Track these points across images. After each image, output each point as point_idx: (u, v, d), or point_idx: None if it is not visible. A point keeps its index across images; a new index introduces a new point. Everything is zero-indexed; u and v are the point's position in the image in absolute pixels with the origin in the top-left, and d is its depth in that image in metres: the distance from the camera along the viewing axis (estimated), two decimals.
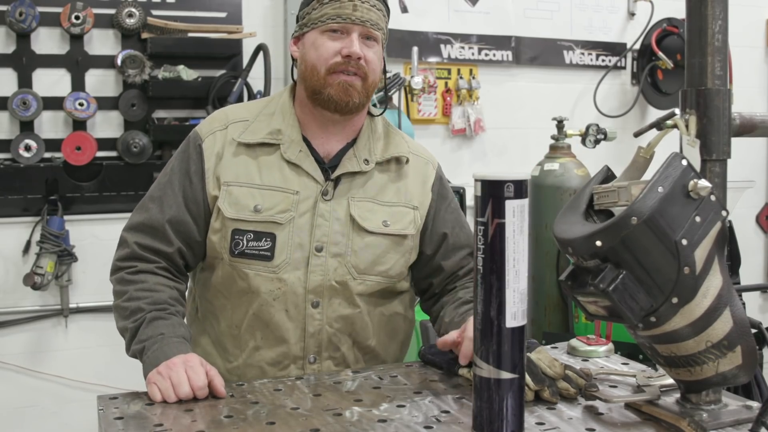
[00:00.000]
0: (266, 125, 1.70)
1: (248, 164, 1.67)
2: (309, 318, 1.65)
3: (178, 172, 1.69)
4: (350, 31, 1.63)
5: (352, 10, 1.62)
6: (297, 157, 1.67)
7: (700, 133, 1.31)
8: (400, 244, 1.71)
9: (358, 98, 1.65)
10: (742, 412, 1.26)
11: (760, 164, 4.34)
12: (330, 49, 1.63)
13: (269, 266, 1.63)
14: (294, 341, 1.65)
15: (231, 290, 1.67)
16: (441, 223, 1.77)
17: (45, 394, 3.16)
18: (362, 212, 1.68)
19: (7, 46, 3.05)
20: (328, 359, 1.68)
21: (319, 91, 1.64)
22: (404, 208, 1.72)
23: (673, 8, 3.82)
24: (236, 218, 1.63)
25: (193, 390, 1.40)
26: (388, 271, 1.70)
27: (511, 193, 1.15)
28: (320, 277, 1.64)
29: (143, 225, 1.67)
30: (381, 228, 1.68)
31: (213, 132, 1.70)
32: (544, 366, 1.38)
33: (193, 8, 3.26)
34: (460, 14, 3.68)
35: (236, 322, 1.68)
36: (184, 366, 1.42)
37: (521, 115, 3.80)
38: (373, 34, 1.65)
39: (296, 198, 1.65)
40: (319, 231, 1.64)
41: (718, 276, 1.20)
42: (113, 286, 1.66)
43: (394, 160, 1.75)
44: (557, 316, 3.19)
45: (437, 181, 1.80)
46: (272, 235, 1.63)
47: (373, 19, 1.64)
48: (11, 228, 3.08)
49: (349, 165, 1.69)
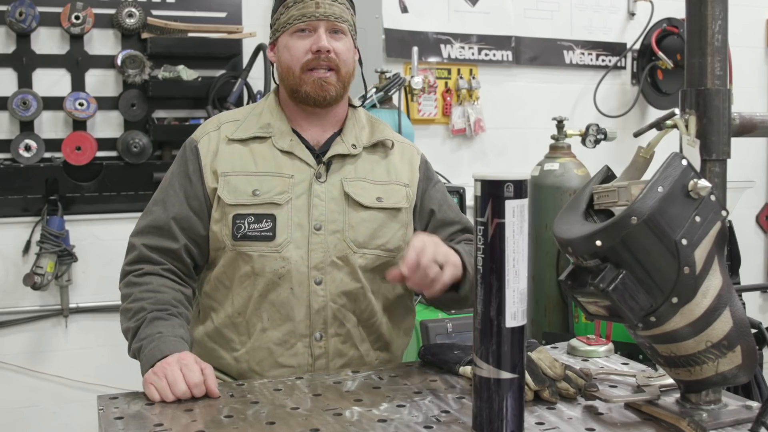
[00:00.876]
0: (256, 122, 1.78)
1: (243, 155, 1.74)
2: (313, 294, 1.68)
3: (177, 174, 1.76)
4: (316, 27, 1.71)
5: (315, 8, 1.71)
6: (289, 145, 1.74)
7: (700, 133, 1.31)
8: (396, 217, 1.76)
9: (335, 91, 1.73)
10: (742, 412, 1.26)
11: (760, 164, 4.34)
12: (300, 48, 1.71)
13: (272, 246, 1.67)
14: (300, 319, 1.68)
15: (234, 276, 1.70)
16: (428, 201, 1.84)
17: (45, 394, 3.15)
18: (356, 190, 1.74)
19: (7, 46, 3.05)
20: (335, 336, 1.70)
21: (296, 89, 1.73)
22: (395, 185, 1.79)
23: (673, 8, 3.82)
24: (236, 203, 1.69)
25: (189, 387, 1.40)
26: (386, 244, 1.74)
27: (510, 193, 1.15)
28: (321, 255, 1.69)
29: (149, 227, 1.72)
30: (375, 203, 1.74)
31: (207, 133, 1.78)
32: (545, 366, 1.38)
33: (193, 8, 3.26)
34: (460, 14, 3.68)
35: (240, 308, 1.70)
36: (179, 364, 1.43)
37: (521, 115, 3.80)
38: (339, 27, 1.73)
39: (292, 181, 1.71)
40: (316, 211, 1.70)
41: (718, 276, 1.20)
42: (120, 290, 1.69)
43: (380, 144, 1.82)
44: (557, 316, 3.19)
45: (423, 165, 1.88)
46: (272, 216, 1.68)
47: (337, 13, 1.72)
48: (11, 228, 3.08)
49: (339, 148, 1.76)
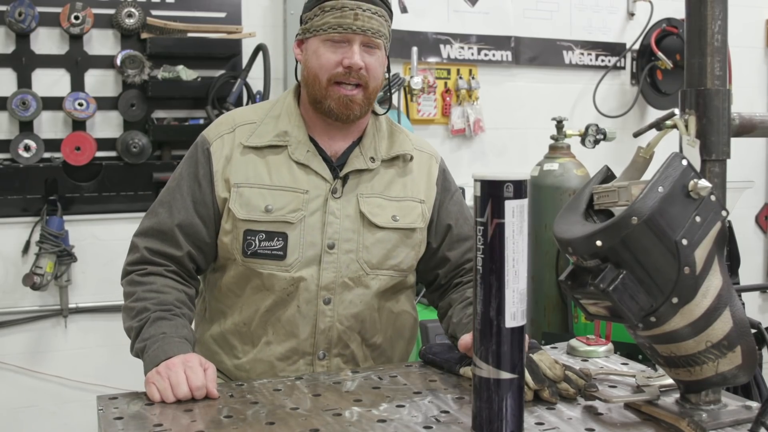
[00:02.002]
0: (273, 128, 1.71)
1: (257, 165, 1.68)
2: (320, 314, 1.66)
3: (186, 176, 1.71)
4: (351, 41, 1.63)
5: (353, 20, 1.62)
6: (305, 157, 1.69)
7: (699, 133, 1.31)
8: (410, 237, 1.73)
9: (359, 110, 1.67)
10: (742, 412, 1.26)
11: (760, 164, 4.34)
12: (331, 59, 1.64)
13: (282, 265, 1.65)
14: (304, 337, 1.67)
15: (244, 288, 1.69)
16: (445, 215, 1.79)
17: (44, 394, 3.15)
18: (371, 208, 1.70)
19: (7, 46, 3.05)
20: (338, 356, 1.69)
21: (320, 101, 1.67)
22: (411, 202, 1.75)
23: (673, 8, 3.82)
24: (248, 219, 1.65)
25: (191, 390, 1.40)
26: (400, 264, 1.72)
27: (510, 193, 1.15)
28: (333, 274, 1.66)
29: (153, 230, 1.69)
30: (391, 223, 1.71)
31: (221, 135, 1.71)
32: (545, 367, 1.38)
33: (192, 8, 3.26)
34: (460, 14, 3.68)
35: (246, 319, 1.69)
36: (183, 366, 1.42)
37: (521, 115, 3.80)
38: (375, 42, 1.66)
39: (306, 197, 1.67)
40: (330, 228, 1.66)
41: (718, 276, 1.20)
42: (123, 288, 1.68)
43: (399, 158, 1.77)
44: (557, 316, 3.19)
45: (441, 175, 1.83)
46: (284, 235, 1.65)
47: (375, 27, 1.64)
48: (11, 228, 3.08)
49: (357, 163, 1.71)
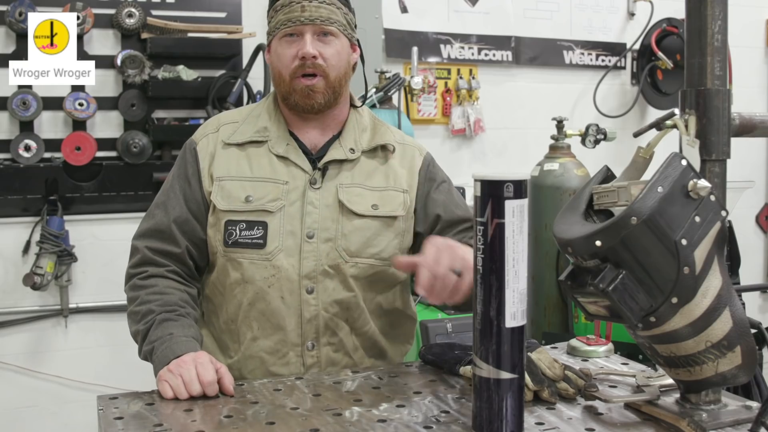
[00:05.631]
0: (253, 125, 1.76)
1: (239, 159, 1.73)
2: (304, 304, 1.67)
3: (177, 177, 1.76)
4: (303, 32, 1.68)
5: (300, 12, 1.67)
6: (285, 150, 1.72)
7: (699, 133, 1.31)
8: (391, 226, 1.73)
9: (323, 98, 1.70)
10: (742, 412, 1.26)
11: (760, 164, 4.34)
12: (288, 54, 1.69)
13: (262, 254, 1.66)
14: (291, 328, 1.67)
15: (225, 283, 1.70)
16: (432, 206, 1.78)
17: (44, 394, 3.15)
18: (351, 197, 1.71)
19: (7, 46, 3.05)
20: (327, 345, 1.69)
21: (287, 97, 1.72)
22: (393, 191, 1.75)
23: (673, 8, 3.82)
24: (228, 209, 1.68)
25: (203, 386, 1.40)
26: (380, 253, 1.72)
27: (510, 193, 1.15)
28: (313, 263, 1.67)
29: (151, 230, 1.72)
30: (370, 211, 1.71)
31: (206, 135, 1.77)
32: (544, 367, 1.38)
33: (192, 8, 3.26)
34: (460, 14, 3.68)
35: (232, 315, 1.70)
36: (194, 363, 1.43)
37: (521, 115, 3.80)
38: (328, 30, 1.68)
39: (286, 188, 1.69)
40: (309, 218, 1.68)
41: (718, 276, 1.20)
42: (126, 294, 1.69)
43: (380, 148, 1.78)
44: (557, 316, 3.19)
45: (425, 166, 1.81)
46: (264, 224, 1.67)
47: (324, 15, 1.67)
48: (11, 228, 3.08)
49: (336, 153, 1.73)
